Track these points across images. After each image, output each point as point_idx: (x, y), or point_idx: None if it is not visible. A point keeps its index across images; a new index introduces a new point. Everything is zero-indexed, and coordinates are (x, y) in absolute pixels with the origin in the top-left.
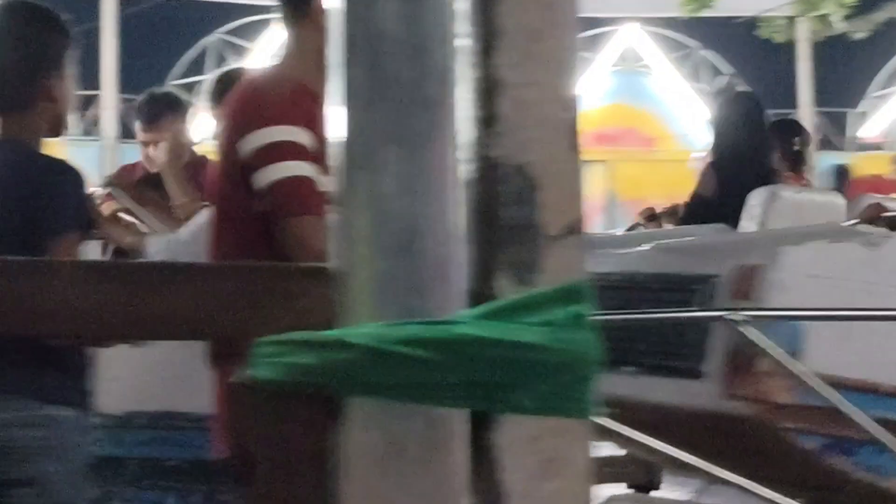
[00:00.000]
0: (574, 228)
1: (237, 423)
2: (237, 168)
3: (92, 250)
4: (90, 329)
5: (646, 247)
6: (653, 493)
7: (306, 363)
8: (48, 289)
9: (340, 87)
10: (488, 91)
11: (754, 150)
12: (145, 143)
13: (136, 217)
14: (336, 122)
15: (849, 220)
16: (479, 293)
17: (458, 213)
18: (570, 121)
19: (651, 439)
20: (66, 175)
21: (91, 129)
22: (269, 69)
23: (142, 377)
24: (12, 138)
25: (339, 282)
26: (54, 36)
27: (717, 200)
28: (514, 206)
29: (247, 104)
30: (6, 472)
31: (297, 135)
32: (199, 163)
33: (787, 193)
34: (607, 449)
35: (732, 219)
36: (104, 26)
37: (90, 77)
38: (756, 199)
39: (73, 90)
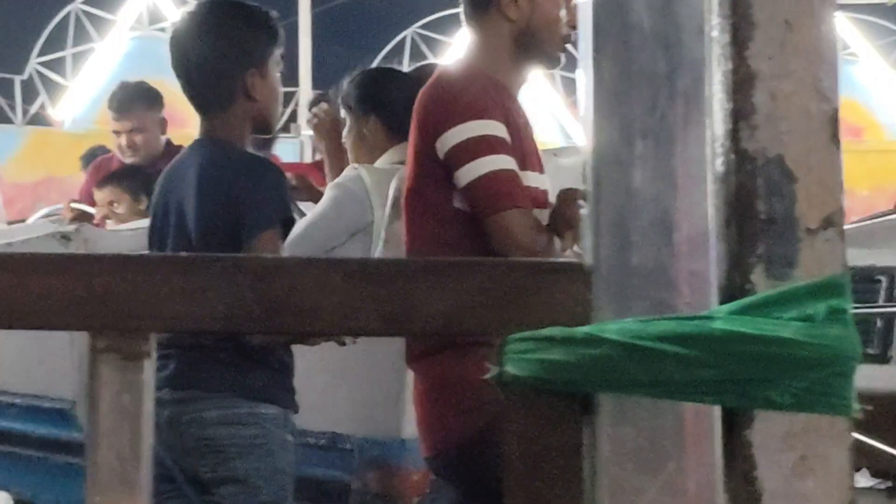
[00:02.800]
0: (833, 221)
1: (445, 420)
2: (436, 166)
3: None
4: (344, 327)
5: None
6: None
7: (558, 359)
8: (301, 287)
9: (590, 80)
10: (742, 83)
11: None
12: (117, 133)
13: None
14: (585, 116)
15: None
16: (733, 288)
17: (710, 207)
18: (829, 112)
19: None
20: (266, 172)
21: (289, 125)
22: (456, 64)
23: None
24: (214, 137)
25: (590, 277)
26: (255, 33)
27: None
28: (770, 199)
29: (440, 101)
30: (214, 470)
31: (495, 128)
32: (174, 153)
33: None
34: None
35: None
36: (301, 22)
37: (288, 73)
38: None
39: (278, 89)
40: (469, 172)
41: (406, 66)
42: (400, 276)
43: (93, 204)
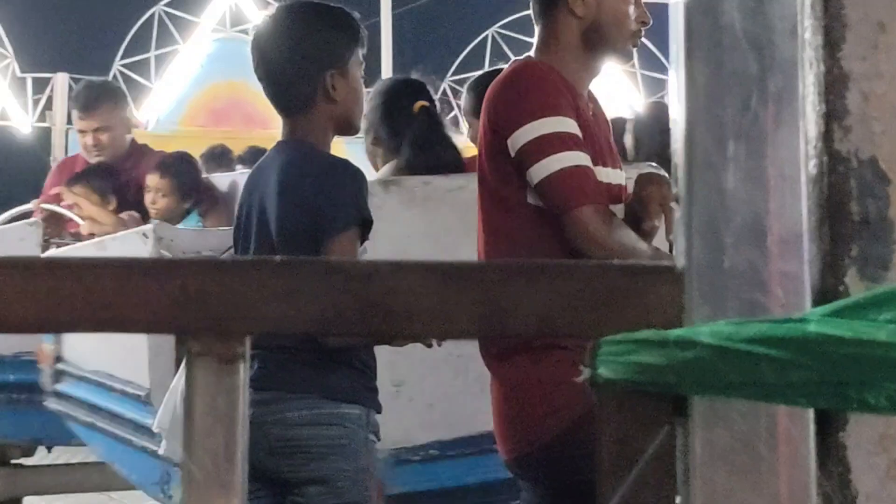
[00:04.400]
0: None
1: (526, 423)
2: (508, 164)
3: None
4: (438, 329)
5: None
6: None
7: (651, 362)
8: (396, 290)
9: (681, 81)
10: (835, 84)
11: None
12: (82, 132)
13: None
14: (676, 117)
15: None
16: (826, 290)
17: (803, 209)
18: None
19: None
20: (346, 174)
21: None
22: (525, 62)
23: None
24: (297, 139)
25: (682, 279)
26: (335, 34)
27: None
28: (863, 201)
29: (510, 99)
30: (298, 470)
31: (567, 125)
32: (140, 151)
33: None
34: None
35: None
36: (382, 23)
37: (369, 74)
38: None
39: (360, 89)
40: (541, 170)
41: (487, 66)
42: (494, 278)
43: (59, 203)
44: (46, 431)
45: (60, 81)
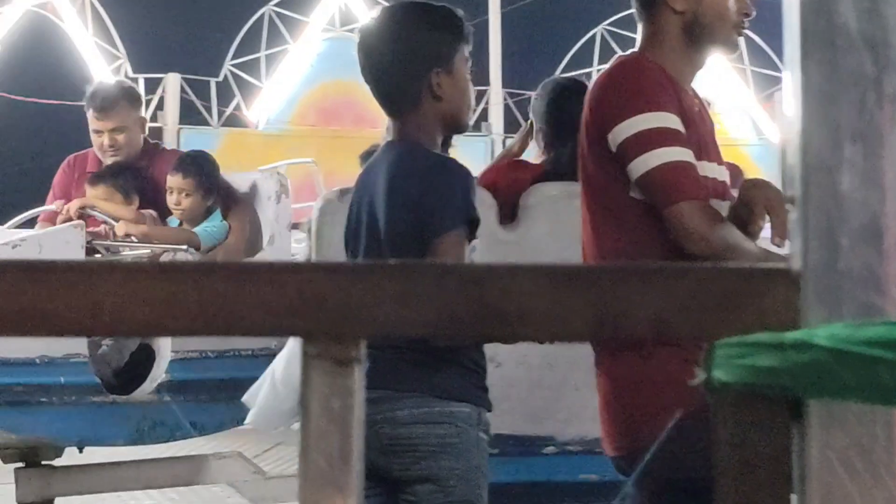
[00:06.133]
0: None
1: (635, 421)
2: (609, 159)
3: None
4: (552, 331)
5: None
6: None
7: (768, 365)
8: (510, 293)
9: (797, 83)
10: None
11: None
12: (98, 132)
13: None
14: (791, 118)
15: None
16: None
17: None
18: None
19: None
20: (453, 173)
21: (479, 124)
22: (627, 58)
23: None
24: (405, 139)
25: (798, 281)
26: (439, 33)
27: None
28: None
29: (612, 94)
30: (407, 469)
31: (668, 120)
32: (154, 151)
33: None
34: None
35: None
36: (491, 22)
37: (478, 73)
38: None
39: (467, 87)
40: (640, 165)
41: (595, 64)
42: (607, 280)
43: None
44: (96, 432)
45: (172, 82)
